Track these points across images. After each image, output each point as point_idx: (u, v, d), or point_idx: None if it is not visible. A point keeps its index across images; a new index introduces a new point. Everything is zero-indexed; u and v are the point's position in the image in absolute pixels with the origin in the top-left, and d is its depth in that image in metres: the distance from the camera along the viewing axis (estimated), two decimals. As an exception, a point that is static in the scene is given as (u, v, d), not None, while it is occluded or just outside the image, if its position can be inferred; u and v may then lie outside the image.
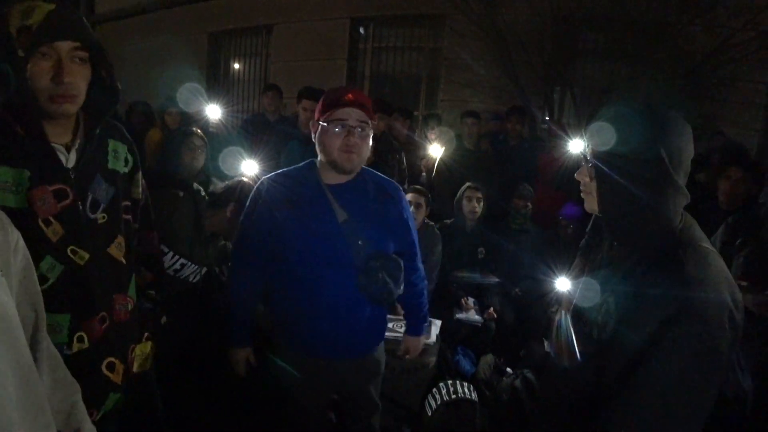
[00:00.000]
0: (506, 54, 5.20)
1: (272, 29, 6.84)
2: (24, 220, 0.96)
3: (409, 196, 2.86)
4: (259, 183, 1.55)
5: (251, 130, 3.70)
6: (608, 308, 1.05)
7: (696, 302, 0.91)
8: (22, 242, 0.69)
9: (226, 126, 3.40)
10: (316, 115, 1.47)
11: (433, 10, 5.69)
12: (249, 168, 2.45)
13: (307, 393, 1.62)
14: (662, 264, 0.98)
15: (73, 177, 1.07)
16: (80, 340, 1.09)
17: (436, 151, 3.52)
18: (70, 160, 1.07)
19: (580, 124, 4.97)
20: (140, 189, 1.29)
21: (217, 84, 7.45)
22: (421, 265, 1.74)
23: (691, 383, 0.92)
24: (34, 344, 0.72)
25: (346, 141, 1.39)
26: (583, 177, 1.10)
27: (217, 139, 3.16)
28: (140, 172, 1.28)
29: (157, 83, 4.80)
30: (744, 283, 1.77)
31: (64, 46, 0.97)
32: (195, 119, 3.23)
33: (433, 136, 3.84)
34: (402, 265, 1.52)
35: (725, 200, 2.33)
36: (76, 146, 1.09)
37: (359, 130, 1.41)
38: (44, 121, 1.03)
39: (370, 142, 1.48)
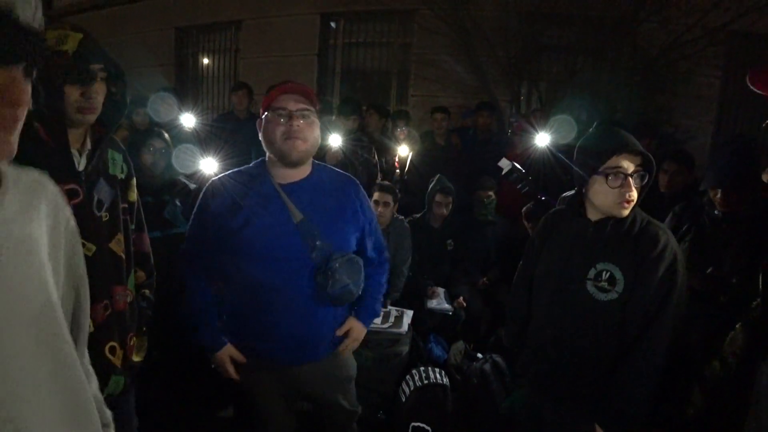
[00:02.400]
0: (473, 49, 5.33)
1: (241, 25, 6.77)
2: None
3: (375, 195, 2.92)
4: (208, 185, 1.47)
5: (220, 130, 3.68)
6: (612, 276, 1.37)
7: (677, 254, 1.36)
8: (73, 222, 0.69)
9: (198, 131, 3.37)
10: (261, 112, 1.43)
11: (402, 5, 5.75)
12: (207, 166, 2.46)
13: (274, 402, 1.60)
14: (645, 234, 1.37)
15: (83, 179, 1.22)
16: None
17: (404, 150, 3.65)
18: (81, 163, 1.23)
19: (546, 118, 5.15)
20: (135, 193, 1.43)
21: (185, 81, 7.33)
22: (384, 259, 1.69)
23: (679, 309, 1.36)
24: (74, 329, 0.70)
25: (288, 127, 1.34)
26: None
27: (190, 142, 3.14)
28: (134, 179, 1.42)
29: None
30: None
31: (93, 67, 1.16)
32: (169, 126, 3.19)
33: (402, 136, 3.93)
34: (362, 263, 1.50)
35: (666, 191, 2.55)
36: (86, 152, 1.25)
37: (301, 116, 1.35)
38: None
39: (318, 131, 1.42)
